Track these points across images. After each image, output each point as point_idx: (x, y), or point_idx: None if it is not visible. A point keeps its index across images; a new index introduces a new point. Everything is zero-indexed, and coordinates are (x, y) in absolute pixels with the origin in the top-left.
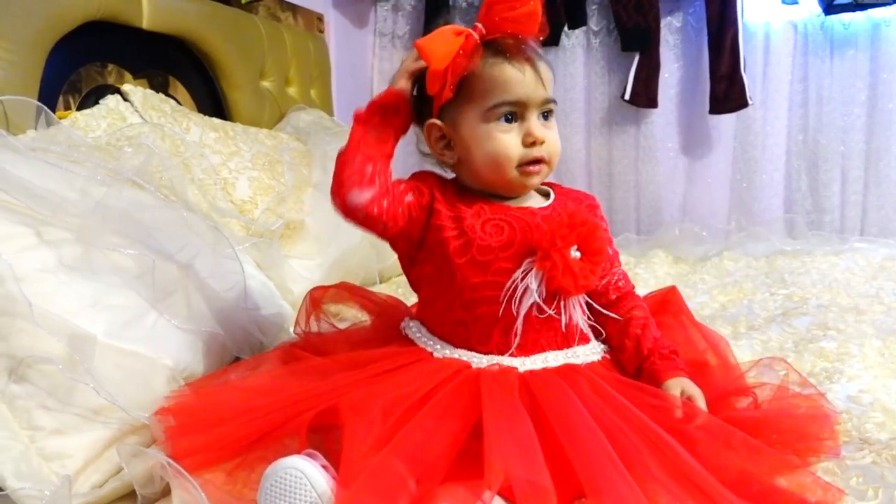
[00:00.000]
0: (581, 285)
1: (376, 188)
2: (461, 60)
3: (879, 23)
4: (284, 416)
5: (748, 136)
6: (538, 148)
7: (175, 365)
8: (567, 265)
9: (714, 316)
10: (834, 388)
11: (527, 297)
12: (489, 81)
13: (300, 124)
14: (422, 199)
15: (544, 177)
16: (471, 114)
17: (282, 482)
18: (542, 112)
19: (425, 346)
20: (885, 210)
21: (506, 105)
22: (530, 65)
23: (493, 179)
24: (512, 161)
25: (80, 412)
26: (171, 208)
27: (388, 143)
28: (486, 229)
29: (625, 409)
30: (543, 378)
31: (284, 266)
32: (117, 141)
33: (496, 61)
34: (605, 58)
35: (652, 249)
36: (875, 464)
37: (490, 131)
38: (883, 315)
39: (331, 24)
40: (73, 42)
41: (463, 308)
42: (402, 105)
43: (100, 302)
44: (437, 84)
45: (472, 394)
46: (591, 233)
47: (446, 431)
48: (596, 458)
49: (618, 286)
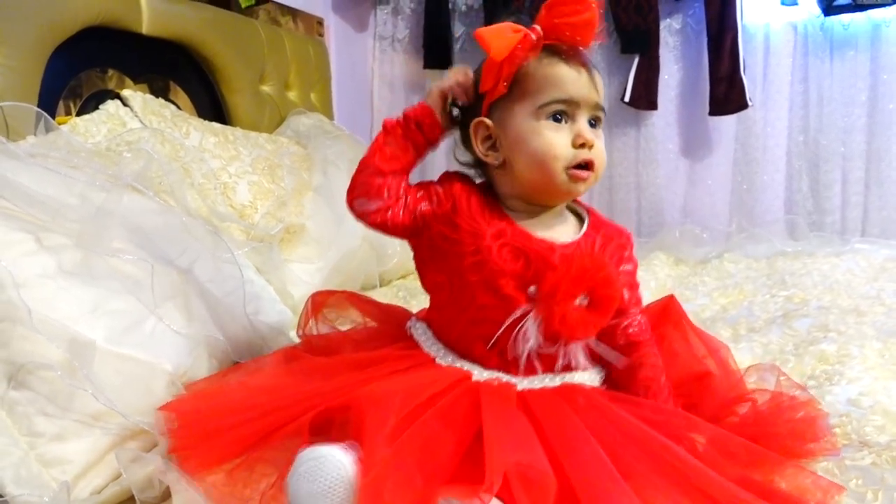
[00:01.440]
0: (578, 335)
1: (382, 200)
2: (519, 53)
3: (879, 23)
4: (286, 415)
5: (749, 137)
6: (588, 151)
7: (175, 370)
8: (565, 316)
9: (714, 318)
10: (834, 390)
11: (523, 340)
12: (543, 79)
13: (300, 128)
14: (439, 208)
15: (589, 186)
16: (521, 112)
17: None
18: (591, 118)
19: (429, 351)
20: (886, 211)
21: (558, 103)
22: (586, 68)
23: (539, 182)
24: (559, 161)
25: (79, 418)
26: (171, 213)
27: (405, 158)
28: (503, 254)
29: (623, 420)
30: (542, 396)
31: (284, 270)
32: (117, 146)
33: (551, 61)
34: (605, 60)
35: (653, 251)
36: (875, 465)
37: (539, 129)
38: (884, 316)
39: (331, 28)
40: (73, 47)
41: (468, 323)
42: (426, 120)
43: (99, 307)
44: (491, 78)
45: (471, 403)
46: (602, 284)
47: (450, 435)
48: (593, 470)
49: (627, 332)
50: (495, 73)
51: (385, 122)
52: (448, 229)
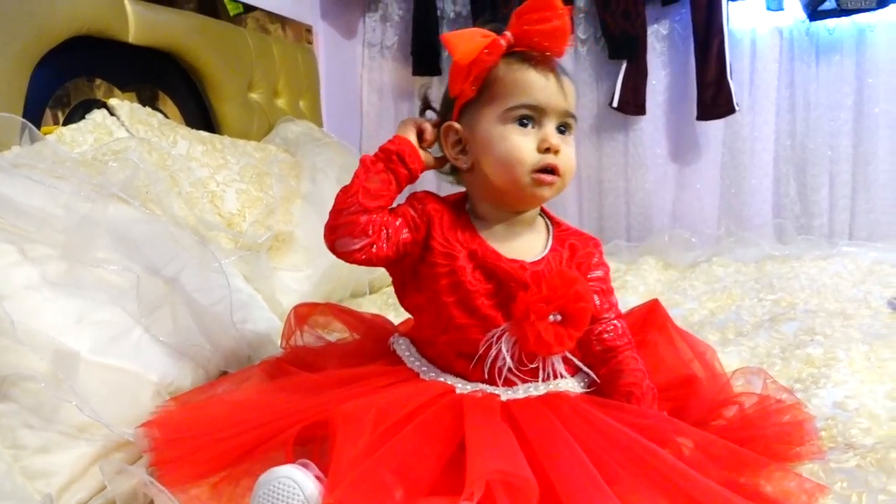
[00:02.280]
0: (555, 351)
1: (367, 238)
2: (485, 58)
3: (864, 28)
4: (270, 430)
5: (736, 141)
6: (553, 156)
7: (161, 380)
8: (539, 335)
9: (703, 322)
10: (820, 393)
11: (499, 361)
12: (511, 84)
13: (289, 136)
14: (417, 234)
15: (556, 192)
16: (489, 116)
17: (274, 490)
18: (561, 125)
19: (412, 367)
20: (873, 214)
21: (524, 108)
22: (554, 74)
23: (505, 185)
24: (524, 164)
25: (64, 429)
26: (158, 223)
27: (388, 194)
28: (476, 275)
29: (607, 426)
30: (525, 405)
31: (273, 278)
32: (103, 156)
33: (521, 66)
34: (593, 65)
35: (642, 256)
36: (860, 468)
37: (505, 132)
38: (870, 319)
39: (319, 36)
40: (60, 57)
41: (448, 342)
42: (405, 152)
43: (85, 318)
44: (457, 82)
45: (454, 416)
46: (573, 300)
47: (431, 448)
48: (577, 476)
49: (602, 338)
50: (461, 77)
51: (363, 159)
52: (425, 252)
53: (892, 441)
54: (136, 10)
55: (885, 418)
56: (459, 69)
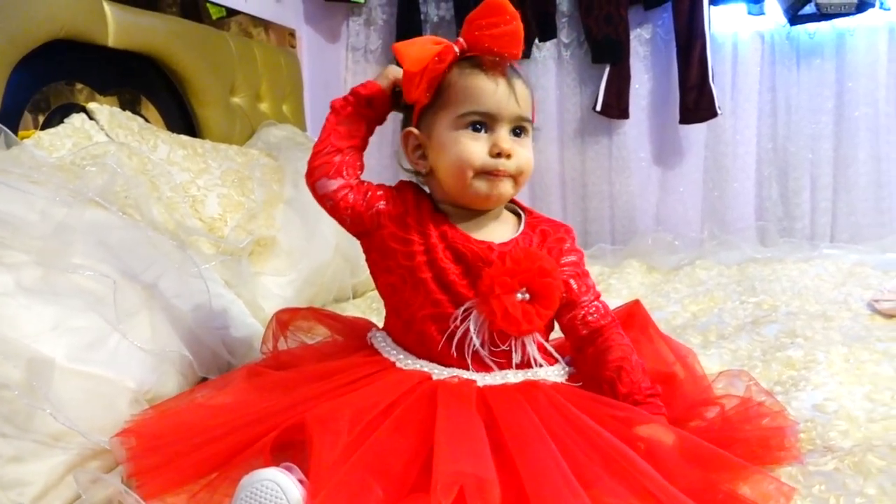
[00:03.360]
0: (525, 329)
1: (343, 179)
2: (435, 66)
3: (844, 32)
4: (248, 435)
5: (719, 145)
6: (504, 161)
7: (138, 387)
8: (506, 311)
9: (685, 325)
10: (800, 396)
11: (467, 341)
12: (462, 91)
13: (271, 140)
14: (394, 209)
15: (510, 192)
16: (443, 121)
17: (257, 493)
18: (515, 128)
19: (389, 356)
20: (854, 216)
21: (475, 114)
22: (505, 79)
23: (456, 188)
24: (472, 169)
25: (38, 438)
26: (136, 228)
27: (359, 136)
28: (447, 255)
29: (582, 422)
30: (501, 392)
31: (255, 283)
32: (82, 160)
33: (473, 73)
34: (577, 70)
35: (626, 259)
36: (837, 471)
37: (458, 137)
38: (850, 321)
39: (303, 40)
40: (38, 60)
41: (424, 320)
42: (377, 99)
43: (61, 325)
44: (411, 89)
45: (429, 406)
46: (538, 277)
47: (408, 444)
48: (545, 469)
49: (586, 321)
50: (413, 85)
51: (334, 104)
52: (401, 230)
53: (870, 444)
54: (116, 13)
55: (864, 420)
56: (410, 77)
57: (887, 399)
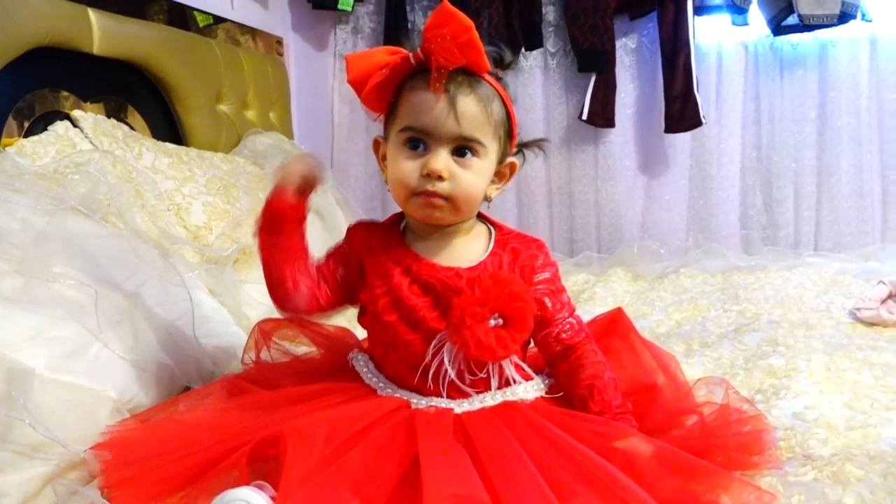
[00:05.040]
0: (500, 355)
1: (304, 291)
2: (380, 77)
3: (826, 43)
4: (223, 450)
5: (703, 154)
6: (435, 183)
7: (119, 396)
8: (478, 341)
9: (669, 333)
10: (781, 404)
11: (442, 372)
12: (405, 104)
13: (258, 147)
14: (350, 266)
15: (449, 216)
16: (391, 135)
17: None
18: (459, 148)
19: (370, 383)
20: (837, 225)
21: (411, 130)
22: (448, 96)
23: (400, 204)
24: (407, 189)
25: (17, 449)
26: (119, 236)
27: (292, 251)
28: (413, 289)
29: (560, 440)
30: (479, 417)
31: (240, 291)
32: (65, 168)
33: (417, 86)
34: (563, 78)
35: (612, 267)
36: (816, 480)
37: (397, 153)
38: (832, 329)
39: (290, 47)
40: (22, 67)
41: (399, 359)
42: (286, 213)
43: (41, 334)
44: (363, 100)
45: (407, 432)
46: (509, 302)
47: (385, 464)
48: (523, 488)
49: (560, 338)
50: (358, 95)
51: (256, 236)
52: (361, 279)
53: (849, 452)
54: (101, 21)
55: (843, 428)
56: (354, 87)
57: (866, 407)
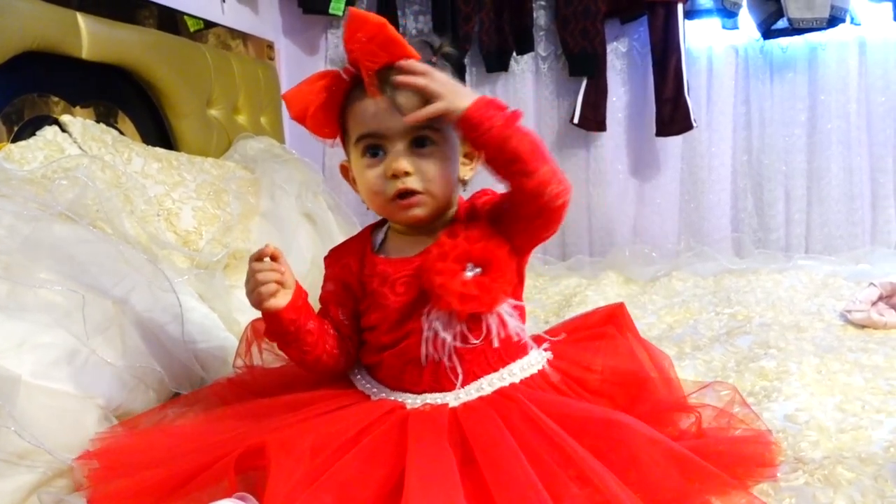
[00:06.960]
0: (487, 301)
1: (339, 356)
2: (316, 103)
3: (816, 47)
4: (211, 457)
5: (694, 157)
6: (403, 180)
7: (107, 403)
8: (461, 294)
9: (661, 337)
10: (772, 406)
11: (440, 343)
12: (352, 117)
13: (248, 152)
14: (346, 302)
15: (430, 209)
16: (352, 152)
17: None
18: (416, 139)
19: (363, 389)
20: (828, 227)
21: (364, 138)
22: (383, 95)
23: (383, 215)
24: (382, 195)
25: (3, 456)
26: (107, 242)
27: (310, 336)
28: (398, 289)
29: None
30: (475, 410)
31: (230, 296)
32: (53, 173)
33: (357, 97)
34: (554, 82)
35: (604, 271)
36: (808, 485)
37: (362, 166)
38: (823, 332)
39: (281, 52)
40: (10, 72)
41: (393, 357)
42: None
43: (28, 341)
44: (312, 129)
45: (400, 435)
46: (475, 244)
47: (376, 473)
48: (516, 484)
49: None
50: (307, 125)
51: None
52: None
53: (840, 455)
54: (90, 25)
55: (834, 430)
56: (300, 122)
57: (857, 409)
